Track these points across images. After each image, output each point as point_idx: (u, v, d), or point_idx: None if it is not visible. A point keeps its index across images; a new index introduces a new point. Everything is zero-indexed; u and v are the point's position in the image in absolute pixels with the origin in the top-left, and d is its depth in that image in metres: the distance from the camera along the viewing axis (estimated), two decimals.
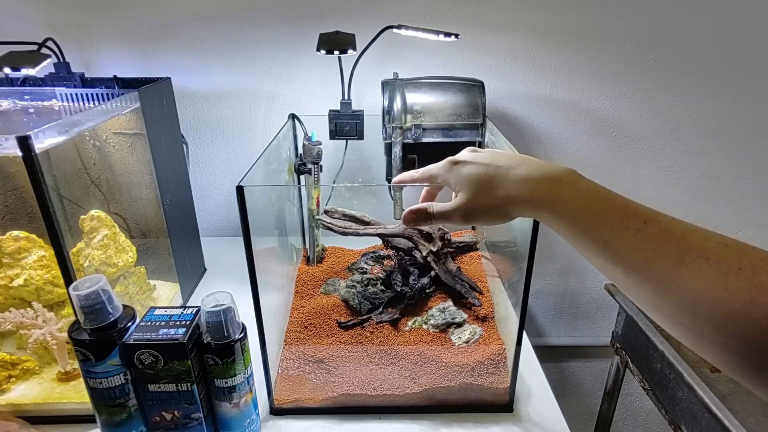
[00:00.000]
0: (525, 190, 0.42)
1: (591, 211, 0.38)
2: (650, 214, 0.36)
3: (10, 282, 0.71)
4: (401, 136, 0.81)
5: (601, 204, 0.38)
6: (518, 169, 0.43)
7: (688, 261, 0.32)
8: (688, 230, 0.34)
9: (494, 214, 0.45)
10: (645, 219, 0.35)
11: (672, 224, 0.34)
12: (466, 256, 0.97)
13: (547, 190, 0.41)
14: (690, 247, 0.32)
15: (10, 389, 0.68)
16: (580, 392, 1.41)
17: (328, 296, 0.83)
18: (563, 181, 0.40)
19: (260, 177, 0.65)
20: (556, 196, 0.40)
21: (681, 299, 0.32)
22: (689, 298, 0.31)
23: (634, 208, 0.36)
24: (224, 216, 1.18)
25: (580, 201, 0.38)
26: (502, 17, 1.00)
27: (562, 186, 0.40)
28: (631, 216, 0.36)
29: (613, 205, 0.37)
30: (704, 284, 0.31)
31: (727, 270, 0.30)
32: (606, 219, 0.37)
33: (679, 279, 0.32)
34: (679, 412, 0.83)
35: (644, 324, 0.93)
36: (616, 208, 0.37)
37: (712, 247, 0.32)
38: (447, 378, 0.68)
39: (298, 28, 1.00)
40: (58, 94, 0.79)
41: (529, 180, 0.42)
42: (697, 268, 0.31)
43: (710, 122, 1.08)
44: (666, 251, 0.33)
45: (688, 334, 0.33)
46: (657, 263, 0.33)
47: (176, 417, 0.58)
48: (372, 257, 0.93)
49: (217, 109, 1.07)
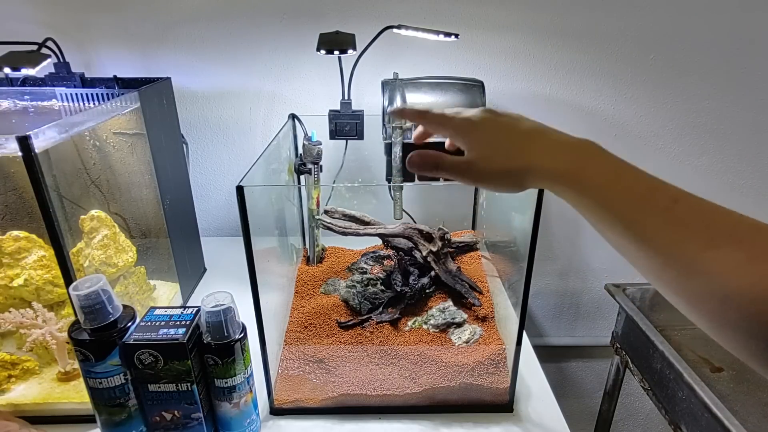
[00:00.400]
0: (547, 161, 0.39)
1: (616, 187, 0.36)
2: (679, 193, 0.34)
3: (10, 282, 0.71)
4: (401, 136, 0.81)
5: (628, 179, 0.36)
6: (542, 137, 0.41)
7: (718, 244, 0.31)
8: (719, 212, 0.32)
9: (508, 181, 0.42)
10: (674, 197, 0.34)
11: (702, 205, 0.33)
12: (466, 256, 0.97)
13: (570, 164, 0.38)
14: (720, 230, 0.31)
15: (10, 389, 0.68)
16: (580, 392, 1.41)
17: (328, 296, 0.83)
18: (588, 153, 0.38)
19: (260, 177, 0.65)
20: (581, 169, 0.37)
21: (706, 283, 0.31)
22: (716, 283, 0.30)
23: (663, 186, 0.35)
24: (224, 216, 1.18)
25: (606, 176, 0.36)
26: (502, 17, 1.00)
27: (588, 159, 0.38)
28: (660, 194, 0.34)
29: (640, 181, 0.35)
30: (733, 268, 0.30)
31: (758, 255, 0.29)
32: (632, 196, 0.35)
33: (706, 262, 0.31)
34: (679, 412, 0.83)
35: (644, 324, 0.93)
36: (643, 185, 0.35)
37: (744, 231, 0.31)
38: (447, 378, 0.68)
39: (298, 28, 1.00)
40: (58, 94, 0.79)
41: (553, 150, 0.39)
42: (727, 252, 0.30)
43: (710, 122, 1.08)
44: (695, 233, 0.32)
45: (712, 320, 0.31)
46: (684, 245, 0.32)
47: (176, 417, 0.58)
48: (372, 257, 0.93)
49: (217, 109, 1.07)
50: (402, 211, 0.88)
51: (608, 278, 1.18)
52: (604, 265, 1.23)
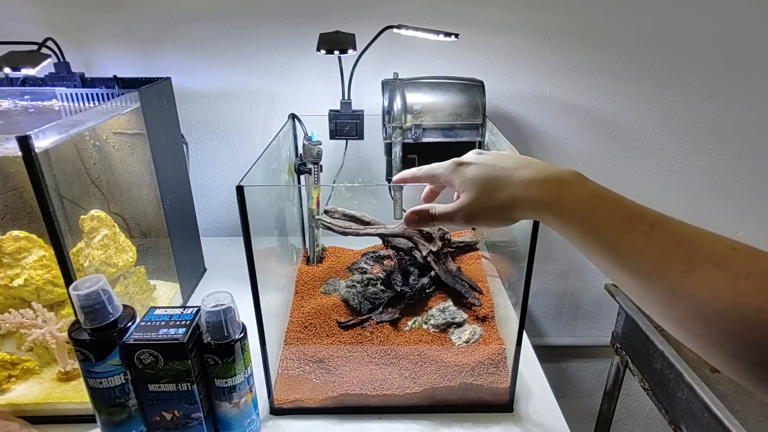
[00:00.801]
0: (529, 192, 0.41)
1: (597, 214, 0.37)
2: (658, 218, 0.35)
3: (10, 282, 0.71)
4: (401, 136, 0.81)
5: (607, 207, 0.37)
6: (523, 170, 0.42)
7: (697, 266, 0.31)
8: (696, 234, 0.33)
9: (497, 216, 0.44)
10: (652, 222, 0.35)
11: (680, 228, 0.34)
12: (466, 256, 0.97)
13: (551, 193, 0.40)
14: (698, 252, 0.32)
15: (10, 389, 0.68)
16: (580, 392, 1.41)
17: (328, 296, 0.83)
18: (568, 183, 0.40)
19: (260, 177, 0.65)
20: (561, 199, 0.39)
21: (690, 305, 0.31)
22: (698, 304, 0.31)
23: (641, 211, 0.36)
24: (224, 216, 1.18)
25: (586, 204, 0.38)
26: (502, 17, 1.00)
27: (568, 188, 0.39)
28: (638, 219, 0.35)
29: (619, 207, 0.37)
30: (713, 290, 0.30)
31: (737, 275, 0.30)
32: (612, 222, 0.36)
33: (687, 284, 0.32)
34: (679, 412, 0.83)
35: (644, 324, 0.93)
36: (622, 211, 0.36)
37: (721, 252, 0.31)
38: (447, 378, 0.68)
39: (298, 28, 1.00)
40: (58, 94, 0.79)
41: (534, 182, 0.41)
42: (706, 274, 0.31)
43: (710, 122, 1.08)
44: (674, 256, 0.33)
45: (697, 340, 0.32)
46: (665, 268, 0.33)
47: (176, 417, 0.58)
48: (372, 257, 0.93)
49: (217, 109, 1.07)
50: (402, 211, 0.88)
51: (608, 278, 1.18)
52: None
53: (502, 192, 0.42)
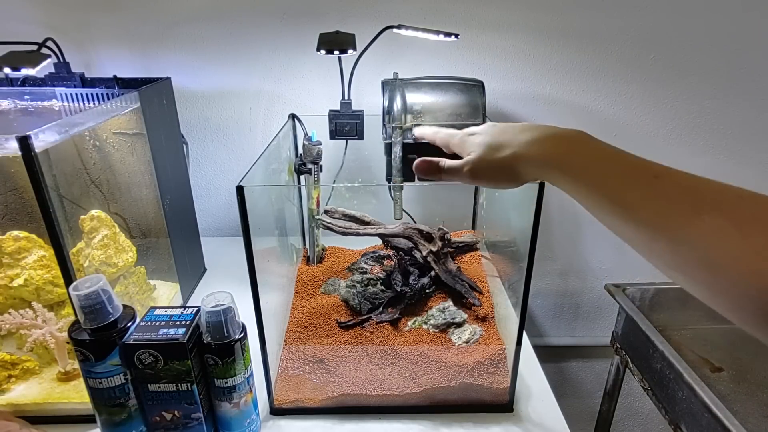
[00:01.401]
0: (534, 149, 0.42)
1: (600, 168, 0.38)
2: (661, 169, 0.35)
3: (10, 282, 0.71)
4: (401, 136, 0.81)
5: (610, 161, 0.38)
6: (528, 132, 0.44)
7: (702, 213, 0.31)
8: (701, 182, 0.33)
9: (502, 173, 0.45)
10: (656, 173, 0.35)
11: (684, 178, 0.34)
12: (466, 256, 0.97)
13: (556, 149, 0.41)
14: (703, 199, 0.32)
15: (10, 389, 0.68)
16: (580, 392, 1.41)
17: (328, 296, 0.83)
18: (573, 140, 0.41)
19: (260, 177, 0.65)
20: (566, 155, 0.40)
21: (695, 252, 0.31)
22: (704, 251, 0.30)
23: (644, 164, 0.36)
24: (224, 216, 1.18)
25: (590, 158, 0.39)
26: (502, 17, 1.00)
27: (572, 145, 0.40)
28: (641, 170, 0.36)
29: (622, 161, 0.37)
30: (719, 236, 0.30)
31: (742, 220, 0.30)
32: (615, 174, 0.36)
33: (692, 232, 0.31)
34: (679, 412, 0.83)
35: (644, 324, 0.93)
36: (625, 164, 0.37)
37: (727, 198, 0.31)
38: (447, 378, 0.68)
39: (298, 28, 1.00)
40: (58, 94, 0.79)
41: (539, 139, 0.42)
42: (712, 220, 0.31)
43: (710, 122, 1.08)
44: (678, 204, 0.32)
45: (704, 289, 0.32)
46: (669, 216, 0.32)
47: (176, 417, 0.58)
48: (372, 257, 0.93)
49: (217, 109, 1.07)
50: (402, 211, 0.88)
51: (608, 278, 1.18)
52: (604, 265, 1.23)
53: (505, 150, 0.44)
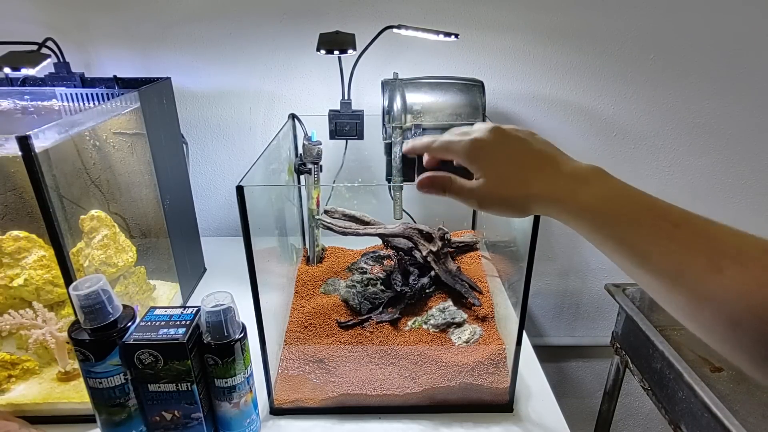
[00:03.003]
0: (550, 188, 0.39)
1: (618, 214, 0.36)
2: (680, 216, 0.34)
3: (10, 282, 0.71)
4: (401, 136, 0.81)
5: (629, 206, 0.36)
6: (545, 165, 0.41)
7: (723, 267, 0.30)
8: (721, 232, 0.32)
9: (513, 207, 0.42)
10: (675, 222, 0.33)
11: (704, 227, 0.33)
12: (466, 256, 0.97)
13: (565, 187, 0.39)
14: (725, 253, 0.31)
15: (10, 389, 0.68)
16: (580, 392, 1.41)
17: (328, 296, 0.83)
18: (590, 181, 0.38)
19: (260, 177, 0.65)
20: (573, 193, 0.38)
21: (717, 308, 0.30)
22: (724, 307, 0.30)
23: (664, 210, 0.35)
24: (224, 216, 1.18)
25: (599, 198, 0.37)
26: (502, 17, 1.00)
27: (582, 183, 0.38)
28: (660, 218, 0.34)
29: (642, 206, 0.36)
30: (741, 292, 0.29)
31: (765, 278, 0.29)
32: (634, 222, 0.35)
33: (712, 286, 0.30)
34: (679, 412, 0.83)
35: (644, 324, 0.93)
36: (645, 210, 0.35)
37: (749, 252, 0.30)
38: (447, 378, 0.68)
39: (298, 28, 1.00)
40: (58, 94, 0.79)
41: (555, 178, 0.40)
42: (733, 276, 0.30)
43: (710, 122, 1.08)
44: (699, 257, 0.31)
45: (725, 344, 0.31)
46: (690, 269, 0.31)
47: (176, 417, 0.58)
48: (372, 257, 0.93)
49: (217, 109, 1.07)
50: (402, 211, 0.88)
51: (608, 278, 1.18)
52: (604, 265, 1.23)
53: (522, 185, 0.41)
